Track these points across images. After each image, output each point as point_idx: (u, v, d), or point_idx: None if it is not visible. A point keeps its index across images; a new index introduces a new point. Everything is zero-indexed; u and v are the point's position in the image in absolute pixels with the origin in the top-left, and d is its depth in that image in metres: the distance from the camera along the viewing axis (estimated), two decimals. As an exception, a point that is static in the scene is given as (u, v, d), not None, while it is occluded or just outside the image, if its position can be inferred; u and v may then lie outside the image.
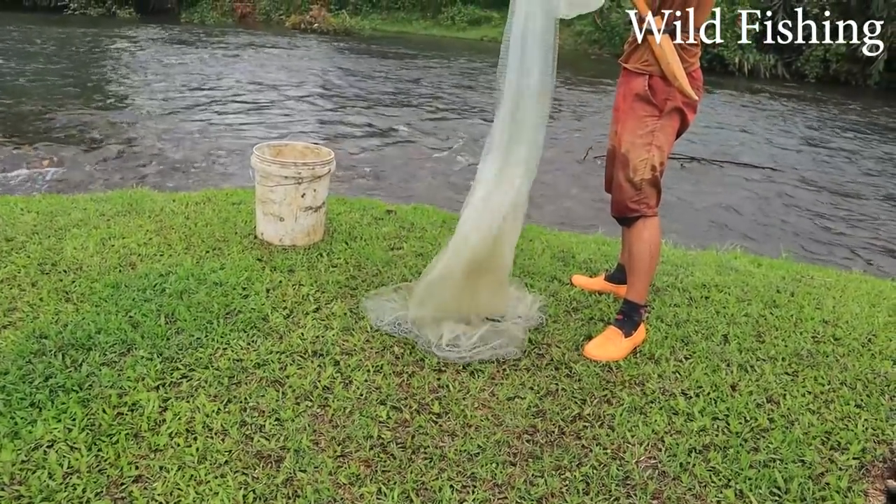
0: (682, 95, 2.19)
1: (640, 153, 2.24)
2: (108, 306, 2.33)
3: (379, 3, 26.42)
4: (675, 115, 2.25)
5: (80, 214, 3.26)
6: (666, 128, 2.24)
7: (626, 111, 2.29)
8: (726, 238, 5.24)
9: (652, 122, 2.23)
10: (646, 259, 2.32)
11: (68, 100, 9.45)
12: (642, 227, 2.30)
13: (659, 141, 2.24)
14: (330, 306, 2.46)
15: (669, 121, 2.24)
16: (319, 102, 10.69)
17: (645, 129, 2.24)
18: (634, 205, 2.28)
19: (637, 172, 2.25)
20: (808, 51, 18.82)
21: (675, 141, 2.32)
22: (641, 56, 2.23)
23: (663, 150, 2.26)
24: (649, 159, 2.24)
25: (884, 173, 8.80)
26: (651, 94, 2.21)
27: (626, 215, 2.32)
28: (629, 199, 2.29)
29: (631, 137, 2.26)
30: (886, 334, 2.66)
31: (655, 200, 2.31)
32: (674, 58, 2.14)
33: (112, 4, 24.56)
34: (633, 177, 2.26)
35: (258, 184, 2.97)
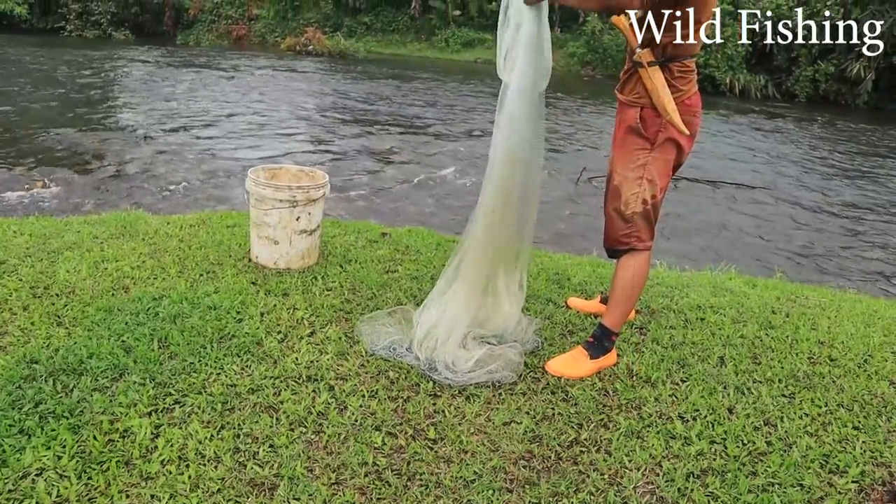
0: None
1: (631, 187, 2.22)
2: (101, 330, 2.30)
3: (373, 25, 26.68)
4: (669, 146, 2.21)
5: (73, 237, 3.25)
6: (658, 160, 2.21)
7: (619, 143, 2.28)
8: (720, 257, 5.26)
9: (643, 156, 2.20)
10: (627, 288, 2.29)
11: (63, 121, 9.46)
12: (630, 258, 2.28)
13: (650, 174, 2.21)
14: (325, 330, 2.45)
15: (662, 153, 2.21)
16: (314, 124, 10.73)
17: (636, 162, 2.21)
18: (625, 238, 2.26)
19: (628, 206, 2.23)
20: (797, 71, 19.08)
21: (672, 172, 2.28)
22: (633, 88, 2.22)
23: (655, 184, 2.22)
24: (640, 193, 2.21)
25: (875, 191, 8.86)
26: (642, 127, 2.19)
27: (615, 248, 2.30)
28: (620, 232, 2.26)
29: (623, 171, 2.24)
30: (882, 354, 2.66)
31: (648, 234, 2.27)
32: (664, 91, 2.12)
33: (108, 27, 24.75)
34: (624, 210, 2.23)
35: (252, 207, 2.96)
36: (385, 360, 2.28)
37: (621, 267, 2.30)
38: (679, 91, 2.17)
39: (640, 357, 2.44)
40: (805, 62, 18.96)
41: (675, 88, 2.16)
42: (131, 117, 10.31)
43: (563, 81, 18.22)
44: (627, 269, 2.28)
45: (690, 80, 2.21)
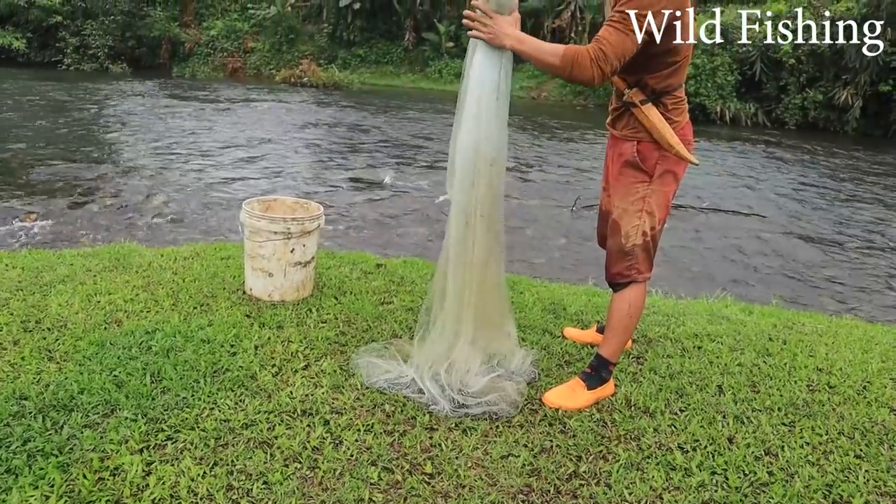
0: (673, 157, 2.18)
1: (631, 220, 2.22)
2: (93, 365, 2.28)
3: (367, 57, 26.99)
4: (668, 178, 2.22)
5: (66, 270, 3.23)
6: (657, 192, 2.21)
7: (616, 177, 2.28)
8: (716, 285, 5.26)
9: (643, 188, 2.21)
10: (624, 318, 2.28)
11: (58, 153, 9.48)
12: (630, 290, 2.27)
13: (650, 206, 2.21)
14: (319, 363, 2.42)
15: (661, 185, 2.21)
16: (309, 155, 10.78)
17: (636, 195, 2.21)
18: (627, 271, 2.25)
19: (629, 238, 2.22)
20: (786, 99, 19.33)
21: (670, 204, 2.28)
22: (627, 123, 2.22)
23: (655, 215, 2.22)
24: (640, 225, 2.21)
25: (868, 216, 8.92)
26: (640, 161, 2.19)
27: (616, 281, 2.29)
28: (622, 265, 2.25)
29: (622, 204, 2.24)
30: (881, 381, 2.65)
31: (647, 266, 2.27)
32: (664, 126, 2.13)
33: (105, 60, 24.94)
34: (625, 243, 2.23)
35: (247, 239, 2.95)
36: (381, 392, 2.25)
37: (618, 298, 2.29)
38: (674, 122, 2.18)
39: (637, 387, 2.42)
40: (794, 90, 19.21)
41: (671, 120, 2.17)
42: (126, 149, 10.35)
43: (556, 111, 18.41)
44: (624, 301, 2.27)
45: (683, 110, 2.23)
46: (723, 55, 19.30)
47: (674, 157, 2.18)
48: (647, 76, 2.13)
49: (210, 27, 27.92)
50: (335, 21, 27.45)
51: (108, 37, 25.12)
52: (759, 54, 19.02)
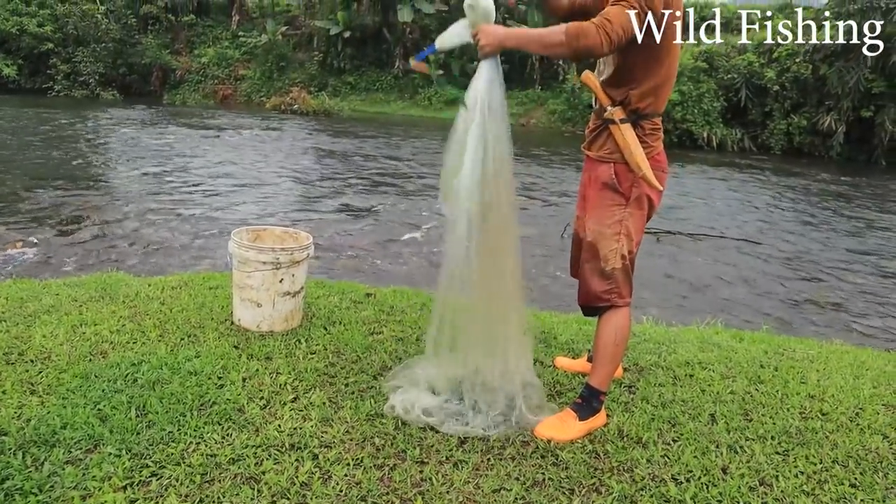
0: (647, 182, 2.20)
1: (609, 243, 2.22)
2: (76, 398, 2.23)
3: (358, 84, 27.19)
4: (643, 200, 2.23)
5: (51, 300, 3.19)
6: (634, 215, 2.22)
7: (593, 200, 2.28)
8: (706, 311, 5.27)
9: (619, 211, 2.21)
10: (610, 346, 2.26)
11: (45, 181, 9.43)
12: (612, 315, 2.26)
13: (627, 229, 2.22)
14: (308, 395, 2.39)
15: (637, 208, 2.23)
16: (299, 183, 10.79)
17: (613, 217, 2.22)
18: (606, 295, 2.24)
19: (608, 262, 2.21)
20: (771, 125, 19.62)
21: (644, 228, 2.29)
22: (604, 144, 2.24)
23: (632, 238, 2.23)
24: (619, 248, 2.21)
25: (854, 239, 9.00)
26: (617, 183, 2.20)
27: (595, 305, 2.27)
28: (600, 289, 2.24)
29: (598, 227, 2.24)
30: (873, 407, 2.64)
31: (627, 290, 2.26)
32: (637, 148, 2.15)
33: (96, 87, 25.00)
34: (604, 267, 2.22)
35: (235, 269, 2.93)
36: (371, 425, 2.22)
37: (603, 326, 2.27)
38: (650, 147, 2.21)
39: (630, 417, 2.39)
40: (778, 116, 19.50)
41: (646, 145, 2.20)
42: (115, 177, 10.32)
43: (544, 138, 18.56)
44: (609, 328, 2.26)
45: (658, 136, 2.26)
46: (708, 82, 19.61)
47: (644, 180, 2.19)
48: (635, 90, 2.14)
49: (201, 55, 28.09)
50: (326, 49, 27.70)
51: (99, 64, 25.21)
52: (743, 81, 19.33)
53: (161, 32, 28.62)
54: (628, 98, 2.16)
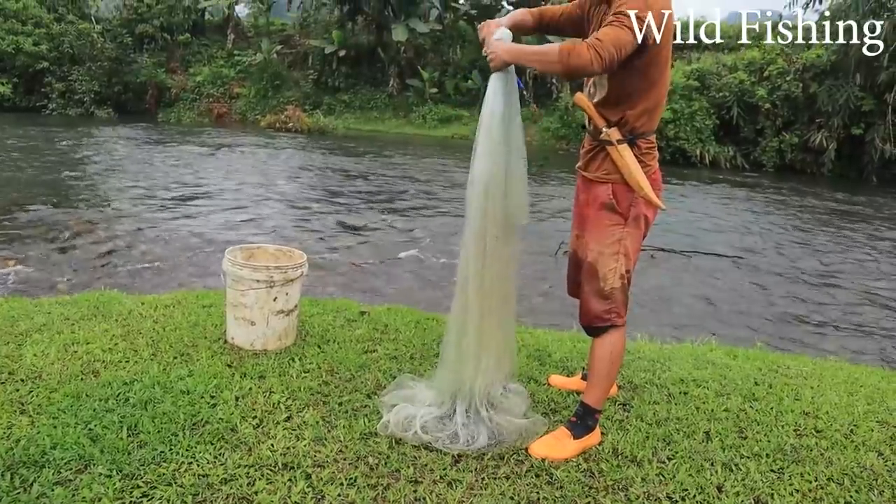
0: (644, 201, 2.21)
1: (608, 262, 2.23)
2: (67, 418, 2.21)
3: (352, 103, 27.33)
4: (641, 220, 2.25)
5: (43, 319, 3.17)
6: (633, 234, 2.24)
7: (592, 220, 2.29)
8: (700, 328, 5.27)
9: (619, 231, 2.23)
10: (606, 364, 2.27)
11: (40, 198, 9.42)
12: (610, 335, 2.27)
13: (626, 249, 2.23)
14: (302, 414, 2.37)
15: (635, 228, 2.24)
16: (293, 201, 10.79)
17: (612, 237, 2.23)
18: (606, 314, 2.25)
19: (607, 282, 2.23)
20: (763, 142, 19.80)
21: (640, 247, 2.31)
22: (601, 165, 2.25)
23: (630, 258, 2.25)
24: (618, 268, 2.22)
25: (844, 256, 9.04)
26: (616, 203, 2.22)
27: (596, 325, 2.28)
28: (601, 309, 2.25)
29: (598, 247, 2.25)
30: (867, 424, 2.64)
31: (624, 309, 2.27)
32: (636, 167, 2.17)
33: (91, 105, 25.06)
34: (603, 287, 2.23)
35: (229, 287, 2.92)
36: (364, 444, 2.20)
37: (599, 345, 2.28)
38: (647, 166, 2.22)
39: (624, 435, 2.39)
40: (770, 134, 19.69)
41: (644, 164, 2.21)
42: (109, 194, 10.31)
43: (539, 155, 18.66)
44: (605, 347, 2.26)
45: (654, 155, 2.28)
46: (700, 100, 19.80)
47: (645, 201, 2.21)
48: (631, 111, 2.16)
49: (196, 73, 28.21)
50: (320, 68, 27.88)
51: (94, 82, 25.30)
52: (735, 99, 19.53)
53: (156, 51, 28.76)
54: (625, 118, 2.18)
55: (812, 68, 19.14)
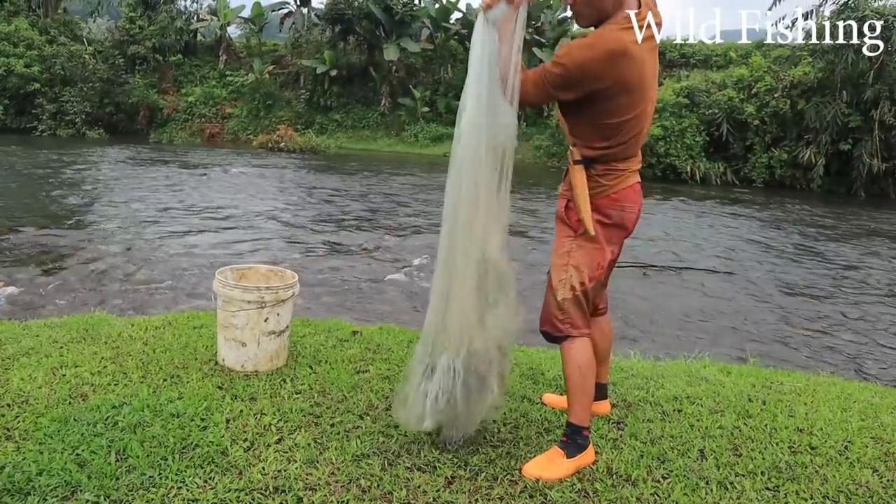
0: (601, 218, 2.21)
1: (558, 273, 2.25)
2: (54, 443, 2.18)
3: (344, 122, 27.46)
4: (598, 235, 2.22)
5: (30, 342, 3.13)
6: (584, 248, 2.23)
7: (555, 233, 2.36)
8: (692, 344, 5.27)
9: (567, 243, 2.25)
10: (577, 379, 2.26)
11: (29, 220, 9.37)
12: (570, 348, 2.26)
13: (575, 261, 2.23)
14: (293, 436, 2.35)
15: (587, 241, 2.22)
16: (285, 220, 10.78)
17: (562, 248, 2.26)
18: (560, 324, 2.25)
19: (558, 292, 2.24)
20: (753, 158, 19.98)
21: (606, 263, 2.28)
22: (564, 179, 2.33)
23: (582, 271, 2.22)
24: (567, 279, 2.23)
25: (833, 271, 9.09)
26: (566, 216, 2.27)
27: (551, 333, 2.29)
28: (554, 317, 2.26)
29: (553, 258, 2.30)
30: (862, 440, 2.64)
31: (582, 321, 2.26)
32: (582, 191, 2.18)
33: (82, 126, 25.06)
34: (556, 297, 2.25)
35: (220, 308, 2.90)
36: (357, 466, 2.18)
37: (566, 362, 2.28)
38: (602, 186, 2.21)
39: (618, 454, 2.37)
40: (759, 150, 19.89)
41: (598, 184, 2.21)
42: (99, 215, 10.27)
43: (530, 173, 18.75)
44: (572, 365, 2.26)
45: (619, 176, 2.23)
46: (690, 117, 19.99)
47: (602, 218, 2.21)
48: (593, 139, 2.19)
49: (188, 94, 28.32)
50: (312, 87, 28.03)
51: (85, 103, 25.34)
52: (724, 116, 19.73)
53: (149, 72, 28.88)
54: (589, 138, 2.21)
55: (799, 85, 19.39)
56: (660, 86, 21.15)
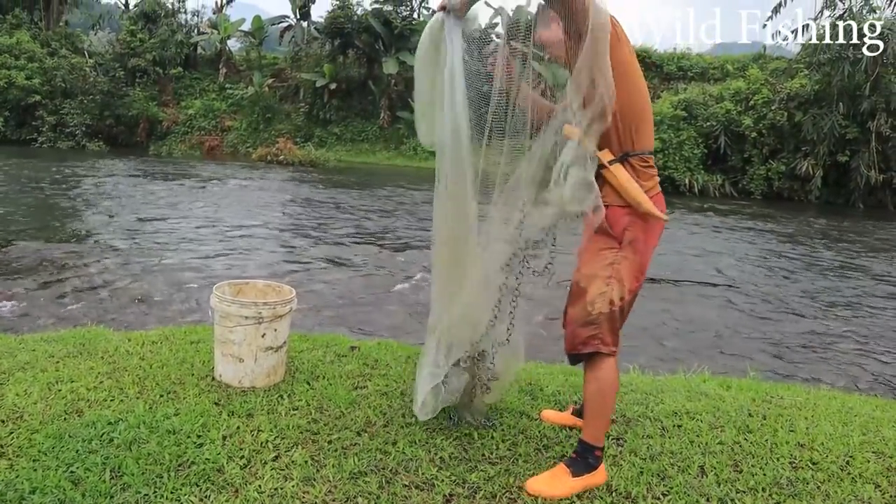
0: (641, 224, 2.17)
1: (599, 286, 2.16)
2: (48, 460, 2.16)
3: (343, 135, 27.54)
4: (638, 245, 2.18)
5: (26, 356, 3.11)
6: (628, 259, 2.17)
7: (585, 245, 2.26)
8: (692, 358, 5.25)
9: (611, 255, 2.17)
10: (598, 399, 2.20)
11: (28, 233, 9.36)
12: (596, 366, 2.19)
13: (619, 274, 2.16)
14: (290, 454, 2.32)
15: (631, 253, 2.17)
16: (283, 234, 10.78)
17: (604, 261, 2.17)
18: (590, 340, 2.16)
19: (594, 306, 2.15)
20: (751, 170, 20.05)
21: (641, 275, 2.22)
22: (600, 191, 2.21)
23: (624, 285, 2.16)
24: (608, 293, 2.15)
25: (833, 283, 9.08)
26: (609, 225, 2.17)
27: (579, 351, 2.20)
28: (584, 334, 2.16)
29: (589, 270, 2.20)
30: (863, 455, 2.62)
31: (612, 338, 2.17)
32: (632, 184, 2.13)
33: (82, 138, 25.10)
34: (589, 310, 2.15)
35: (217, 324, 2.89)
36: (354, 484, 2.16)
37: (589, 378, 2.22)
38: (643, 187, 2.17)
39: (618, 470, 2.35)
40: (757, 162, 19.97)
41: (639, 184, 2.17)
42: (99, 228, 10.26)
43: (528, 184, 18.72)
44: (596, 383, 2.20)
45: (652, 176, 2.22)
46: (688, 130, 20.08)
47: (642, 224, 2.16)
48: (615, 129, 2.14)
49: (188, 106, 28.40)
50: (312, 101, 28.13)
51: (86, 115, 25.40)
52: (722, 128, 19.82)
53: (149, 85, 28.96)
54: (610, 138, 2.15)
55: (796, 97, 19.50)
56: (658, 99, 21.28)
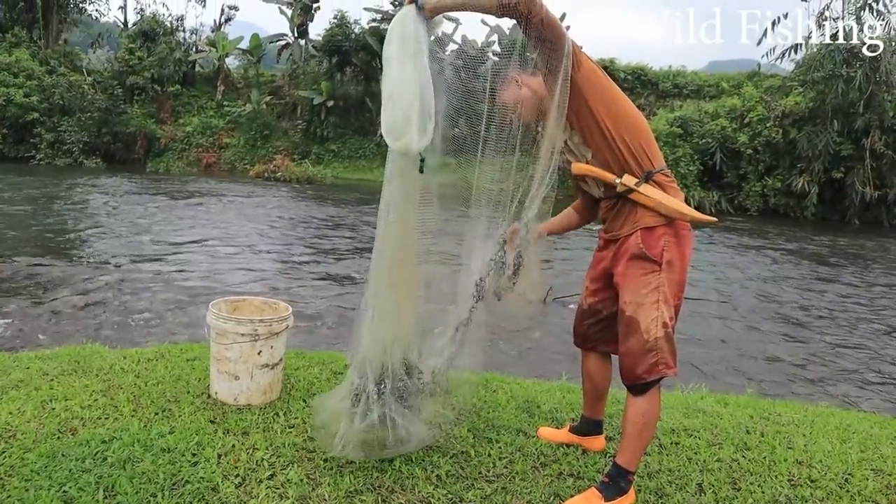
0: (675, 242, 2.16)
1: (649, 312, 2.13)
2: (40, 480, 2.14)
3: (340, 152, 27.59)
4: (675, 264, 2.17)
5: (20, 374, 3.09)
6: (670, 279, 2.15)
7: (624, 275, 2.21)
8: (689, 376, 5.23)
9: (654, 278, 2.15)
10: (641, 423, 2.15)
11: (23, 249, 9.34)
12: (653, 390, 2.15)
13: (665, 295, 2.14)
14: (286, 472, 2.31)
15: (670, 272, 2.16)
16: (280, 251, 10.77)
17: (649, 286, 2.14)
18: (654, 367, 2.12)
19: (650, 333, 2.11)
20: (746, 187, 20.14)
21: (681, 291, 2.21)
22: (627, 218, 2.21)
23: (670, 304, 2.14)
24: (659, 316, 2.12)
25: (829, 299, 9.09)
26: (646, 249, 2.15)
27: (644, 380, 2.14)
28: (648, 364, 2.12)
29: (636, 298, 2.15)
30: (862, 472, 2.61)
31: (673, 358, 2.15)
32: (667, 197, 2.13)
33: (79, 155, 25.10)
34: (647, 339, 2.11)
35: (213, 341, 2.88)
36: (350, 503, 2.14)
37: (639, 401, 2.16)
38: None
39: (616, 488, 2.33)
40: (753, 178, 20.05)
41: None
42: (95, 244, 10.24)
43: (525, 201, 18.77)
44: (646, 403, 2.15)
45: (678, 189, 2.22)
46: (684, 146, 20.18)
47: (676, 241, 2.16)
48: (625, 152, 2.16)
49: (186, 123, 28.45)
50: (309, 118, 28.21)
51: (83, 132, 25.40)
52: (717, 145, 19.93)
53: (147, 102, 29.02)
54: (626, 162, 2.17)
55: (791, 114, 19.64)
56: (653, 116, 21.42)
